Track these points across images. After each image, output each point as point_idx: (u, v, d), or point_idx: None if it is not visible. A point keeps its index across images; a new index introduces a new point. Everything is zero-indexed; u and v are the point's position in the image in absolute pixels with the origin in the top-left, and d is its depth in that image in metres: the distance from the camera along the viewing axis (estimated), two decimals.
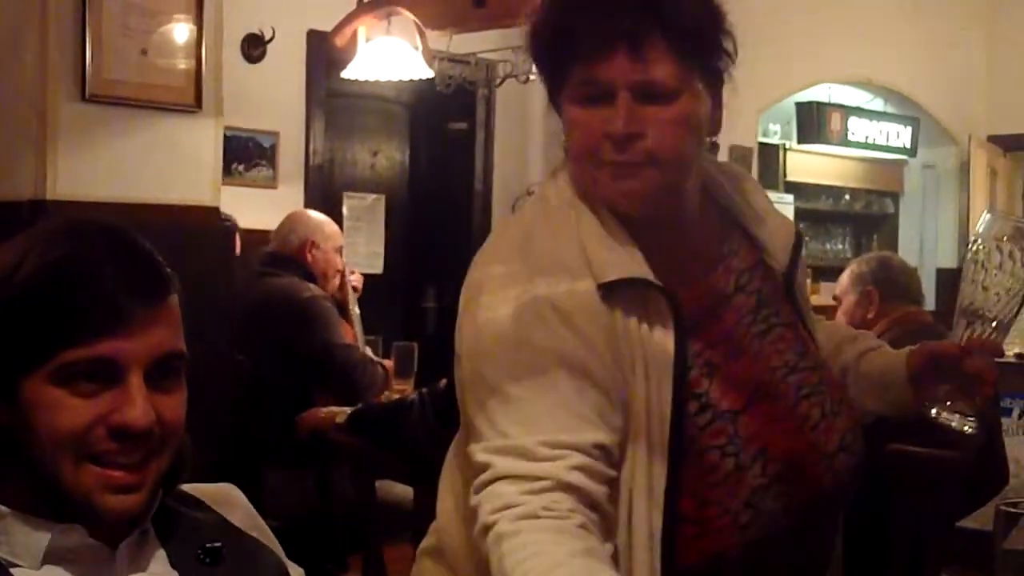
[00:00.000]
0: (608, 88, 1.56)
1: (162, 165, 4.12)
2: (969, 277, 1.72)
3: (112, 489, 1.30)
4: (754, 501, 1.60)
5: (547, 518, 1.40)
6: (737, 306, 1.70)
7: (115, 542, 1.34)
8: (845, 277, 4.19)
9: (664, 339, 1.58)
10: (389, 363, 4.52)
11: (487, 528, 1.43)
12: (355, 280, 4.82)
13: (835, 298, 4.38)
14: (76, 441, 1.28)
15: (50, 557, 1.31)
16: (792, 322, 1.74)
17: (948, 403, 1.79)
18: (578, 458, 1.45)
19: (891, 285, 4.05)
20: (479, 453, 1.51)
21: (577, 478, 1.44)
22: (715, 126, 1.66)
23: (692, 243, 1.69)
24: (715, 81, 1.65)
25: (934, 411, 1.81)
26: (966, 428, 1.79)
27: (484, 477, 1.47)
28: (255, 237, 5.00)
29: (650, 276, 1.58)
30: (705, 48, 1.61)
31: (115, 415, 1.29)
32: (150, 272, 1.33)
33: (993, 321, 1.71)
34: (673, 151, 1.58)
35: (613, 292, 1.56)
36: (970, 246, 1.72)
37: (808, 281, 7.31)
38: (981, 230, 1.71)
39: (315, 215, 4.77)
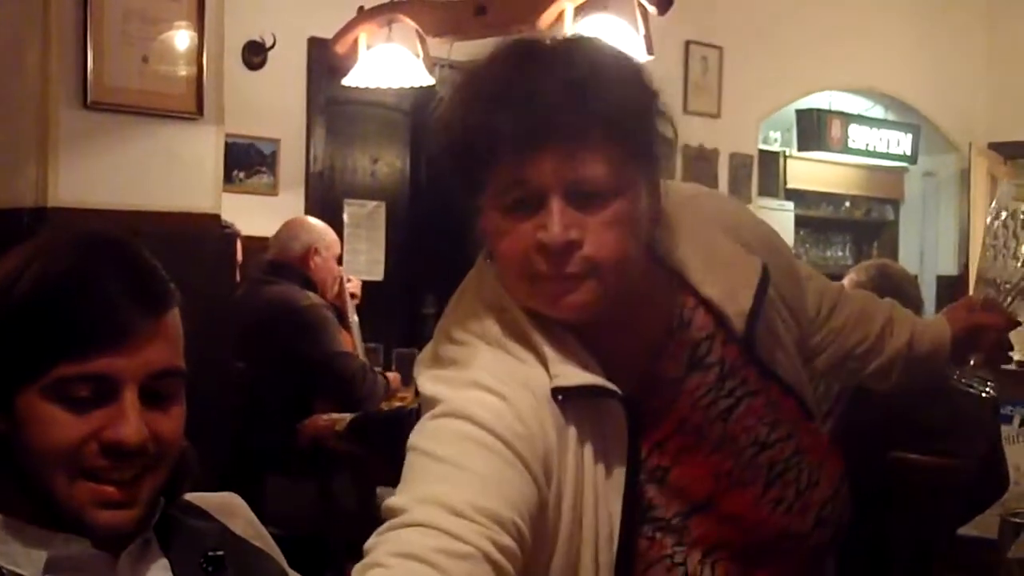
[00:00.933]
0: (538, 191, 1.38)
1: (163, 172, 4.12)
2: (988, 243, 1.81)
3: (104, 504, 1.30)
4: None
5: None
6: (692, 388, 1.52)
7: (117, 551, 1.34)
8: (845, 286, 4.19)
9: (617, 451, 1.45)
10: (393, 375, 4.52)
11: (368, 567, 1.25)
12: (353, 287, 4.82)
13: None
14: (69, 456, 1.28)
15: (52, 566, 1.31)
16: (761, 388, 1.55)
17: (974, 369, 1.89)
18: (504, 537, 1.29)
19: (890, 293, 4.03)
20: (396, 498, 1.33)
21: (500, 559, 1.27)
22: (655, 216, 1.46)
23: (634, 331, 1.51)
24: (652, 169, 1.45)
25: (961, 378, 1.92)
26: (986, 392, 1.93)
27: (394, 521, 1.29)
28: (256, 244, 5.00)
29: (607, 384, 1.43)
30: (640, 135, 1.42)
31: (108, 431, 1.28)
32: (150, 286, 1.33)
33: (1012, 290, 1.79)
34: (614, 257, 1.39)
35: (566, 398, 1.42)
36: (989, 214, 1.81)
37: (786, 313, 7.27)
38: (999, 197, 1.80)
39: (316, 222, 4.77)
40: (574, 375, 1.42)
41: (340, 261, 4.73)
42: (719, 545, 1.49)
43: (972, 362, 1.87)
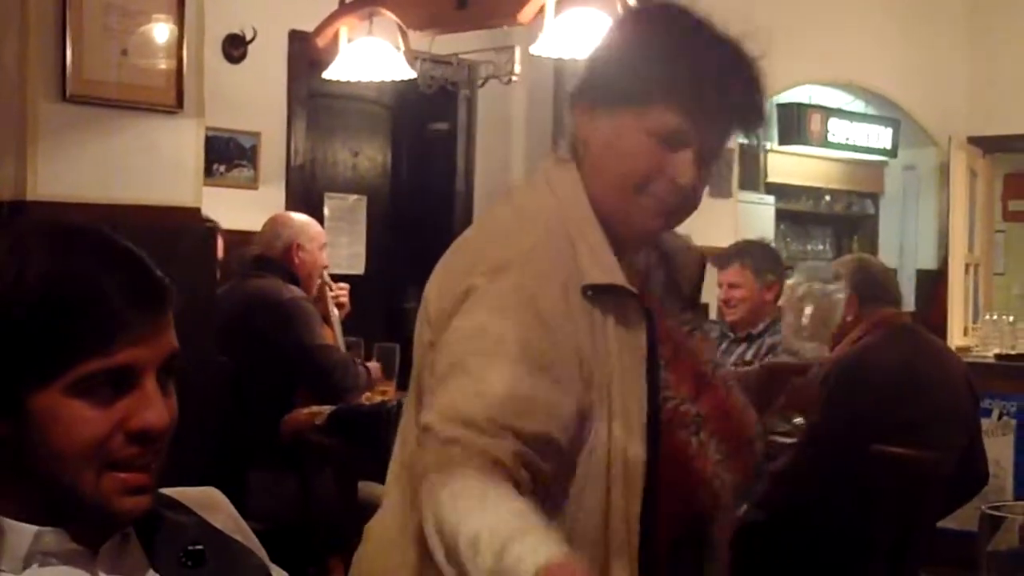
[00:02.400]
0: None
1: (143, 166, 4.10)
2: (786, 322, 2.32)
3: (129, 492, 1.31)
4: (719, 472, 1.76)
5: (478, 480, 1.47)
6: (663, 311, 1.85)
7: (96, 545, 1.34)
8: None
9: (637, 338, 1.71)
10: (374, 365, 4.52)
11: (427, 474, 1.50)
12: (340, 295, 4.80)
13: None
14: (97, 450, 1.29)
15: (31, 560, 1.31)
16: (701, 326, 1.95)
17: (781, 410, 2.20)
18: (517, 444, 1.50)
19: (869, 287, 4.06)
20: (427, 413, 1.57)
21: (511, 461, 1.49)
22: None
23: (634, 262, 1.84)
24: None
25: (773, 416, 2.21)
26: (795, 422, 2.26)
27: (427, 438, 1.54)
28: (236, 238, 4.99)
29: (630, 287, 1.70)
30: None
31: (134, 420, 1.30)
32: (152, 277, 1.34)
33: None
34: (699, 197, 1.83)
35: (596, 294, 1.67)
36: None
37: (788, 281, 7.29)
38: (790, 284, 2.36)
39: (298, 217, 4.76)
40: (609, 274, 1.69)
41: (324, 250, 4.72)
42: (717, 428, 1.79)
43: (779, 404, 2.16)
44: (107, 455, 1.29)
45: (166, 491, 1.46)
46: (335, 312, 4.73)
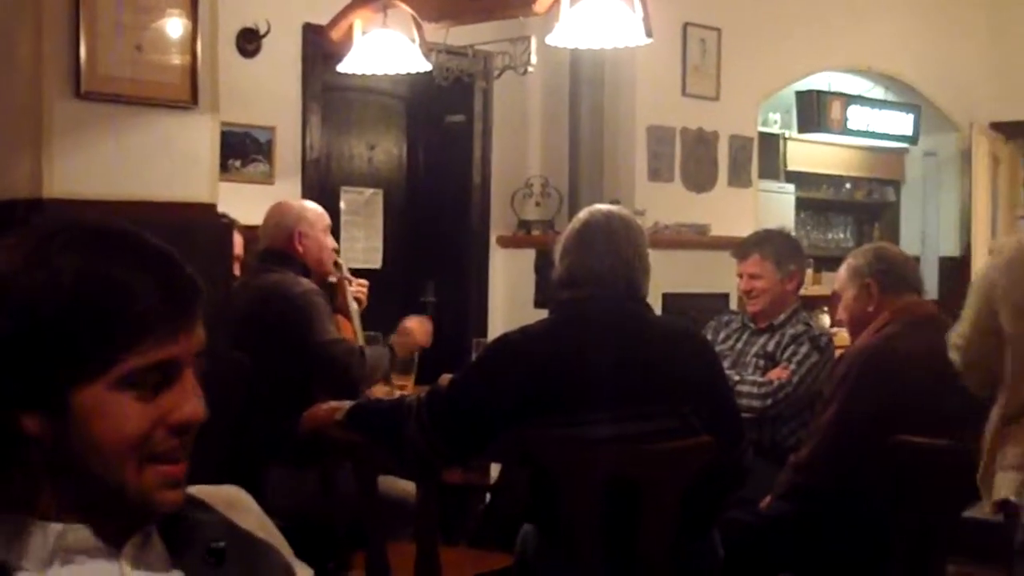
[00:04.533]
0: None
1: (158, 162, 4.09)
2: None
3: (169, 485, 1.33)
4: None
5: None
6: None
7: (120, 542, 1.34)
8: (842, 271, 4.16)
9: None
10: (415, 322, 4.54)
11: None
12: (358, 291, 4.77)
13: (834, 293, 4.36)
14: (141, 443, 1.30)
15: (54, 558, 1.31)
16: None
17: None
18: None
19: (889, 276, 4.02)
20: None
21: None
22: None
23: None
24: None
25: None
26: None
27: None
28: (252, 234, 4.97)
29: None
30: None
31: (176, 413, 1.32)
32: (186, 273, 1.36)
33: None
34: None
35: None
36: None
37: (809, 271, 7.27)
38: None
39: (296, 203, 4.73)
40: None
41: (335, 234, 4.70)
42: None
43: None
44: (150, 448, 1.31)
45: (190, 489, 1.45)
46: (354, 305, 4.71)
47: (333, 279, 4.64)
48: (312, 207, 4.65)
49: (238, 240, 4.72)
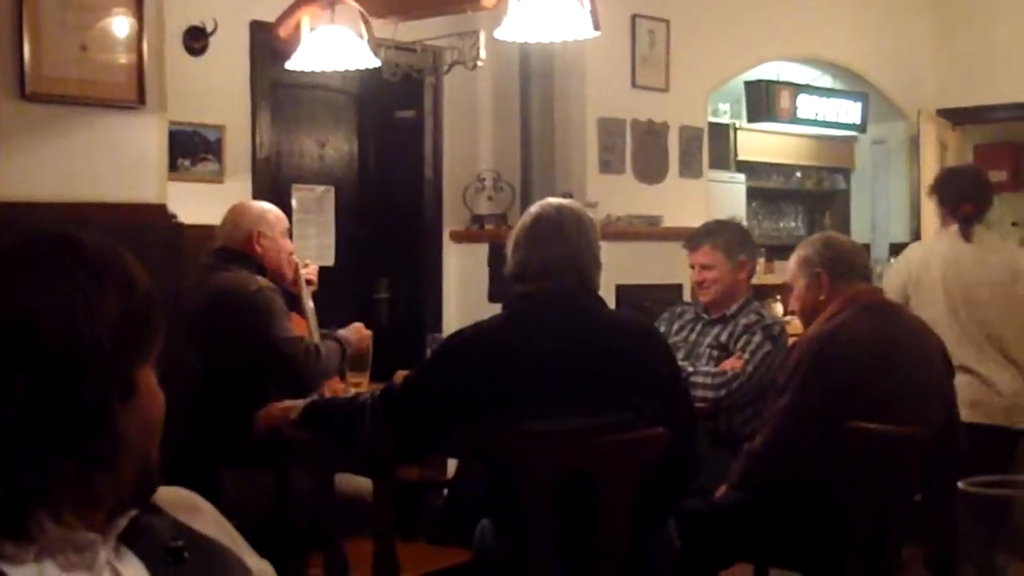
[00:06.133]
0: None
1: (106, 163, 4.07)
2: None
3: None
4: None
5: None
6: None
7: (104, 534, 1.37)
8: (792, 262, 4.19)
9: None
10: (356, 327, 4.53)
11: None
12: (310, 273, 4.76)
13: (786, 284, 4.38)
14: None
15: (40, 553, 1.32)
16: None
17: None
18: None
19: (838, 264, 4.05)
20: None
21: None
22: None
23: None
24: None
25: None
26: None
27: None
28: (203, 233, 4.94)
29: None
30: None
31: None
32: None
33: None
34: None
35: None
36: None
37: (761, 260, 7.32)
38: None
39: (256, 205, 4.71)
40: None
41: (291, 235, 4.67)
42: None
43: None
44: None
45: None
46: (311, 305, 4.69)
47: (295, 290, 4.61)
48: (272, 209, 4.63)
49: None
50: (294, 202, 6.58)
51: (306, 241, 6.49)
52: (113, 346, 1.36)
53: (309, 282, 4.72)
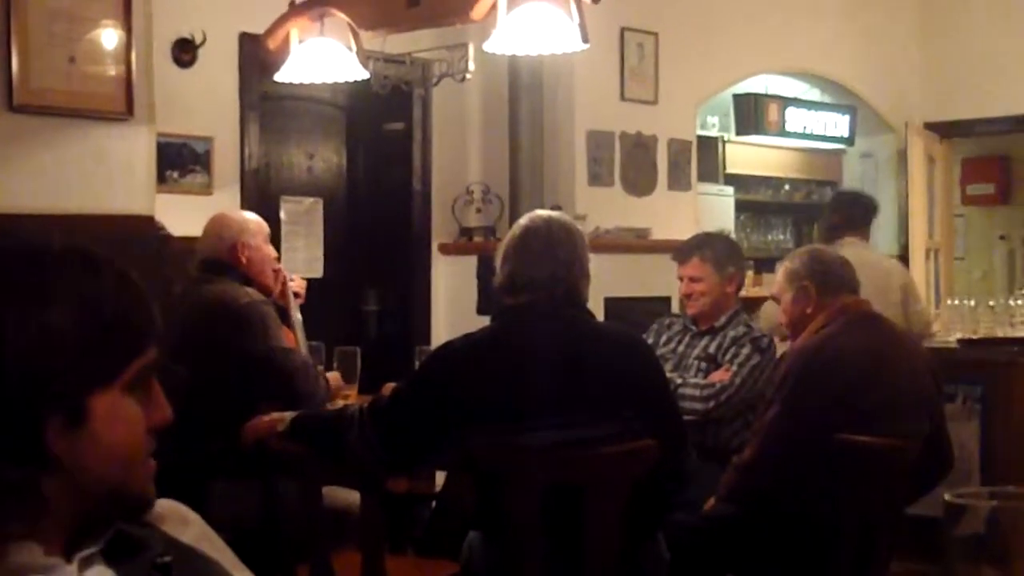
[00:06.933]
0: None
1: (94, 175, 4.06)
2: None
3: (151, 480, 1.41)
4: None
5: None
6: None
7: (68, 556, 1.33)
8: (780, 275, 4.20)
9: None
10: (334, 375, 4.46)
11: None
12: (297, 286, 4.75)
13: (773, 297, 4.39)
14: (146, 443, 1.38)
15: None
16: None
17: None
18: None
19: (826, 277, 4.07)
20: None
21: None
22: None
23: None
24: None
25: None
26: None
27: None
28: (191, 245, 4.93)
29: None
30: None
31: (157, 414, 1.40)
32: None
33: None
34: None
35: None
36: None
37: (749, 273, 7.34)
38: None
39: (237, 215, 4.69)
40: None
41: (279, 248, 4.66)
42: None
43: None
44: (145, 447, 1.39)
45: None
46: (298, 317, 4.68)
47: (283, 302, 4.60)
48: (253, 218, 4.61)
49: None
50: (283, 214, 6.57)
51: (295, 253, 6.49)
52: (58, 370, 1.30)
53: (297, 295, 4.71)
